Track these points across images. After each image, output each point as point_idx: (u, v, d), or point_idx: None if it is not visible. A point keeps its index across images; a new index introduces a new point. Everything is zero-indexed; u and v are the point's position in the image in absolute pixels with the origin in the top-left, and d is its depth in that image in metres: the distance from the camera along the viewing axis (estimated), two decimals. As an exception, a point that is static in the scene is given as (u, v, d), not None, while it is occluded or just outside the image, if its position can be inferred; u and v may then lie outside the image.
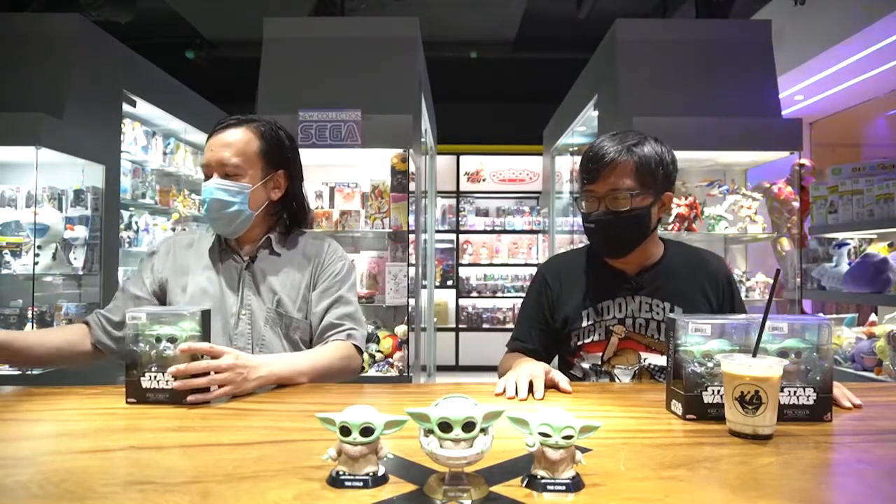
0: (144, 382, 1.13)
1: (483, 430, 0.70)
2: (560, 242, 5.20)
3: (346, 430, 0.73)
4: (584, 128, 4.37)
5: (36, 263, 2.89)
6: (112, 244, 3.37)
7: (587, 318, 1.51)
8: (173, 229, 4.03)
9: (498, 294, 6.76)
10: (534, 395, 1.20)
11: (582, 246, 1.67)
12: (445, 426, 0.68)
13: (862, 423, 1.07)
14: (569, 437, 0.72)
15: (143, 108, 3.82)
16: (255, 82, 3.30)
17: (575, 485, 0.72)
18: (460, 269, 6.81)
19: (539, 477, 0.72)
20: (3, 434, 0.99)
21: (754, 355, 0.98)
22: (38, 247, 2.90)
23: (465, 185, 7.00)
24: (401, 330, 3.06)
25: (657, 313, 1.48)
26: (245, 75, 4.06)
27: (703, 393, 1.03)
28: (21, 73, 3.03)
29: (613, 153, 1.42)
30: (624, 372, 1.48)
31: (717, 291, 1.51)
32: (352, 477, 0.73)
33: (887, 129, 4.78)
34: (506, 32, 5.73)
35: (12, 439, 0.97)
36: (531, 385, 1.22)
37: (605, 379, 1.50)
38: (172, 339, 1.13)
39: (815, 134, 5.29)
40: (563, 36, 5.53)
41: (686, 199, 3.13)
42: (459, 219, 6.85)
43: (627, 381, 1.48)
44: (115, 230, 3.42)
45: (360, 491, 0.71)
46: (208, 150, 1.47)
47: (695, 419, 1.03)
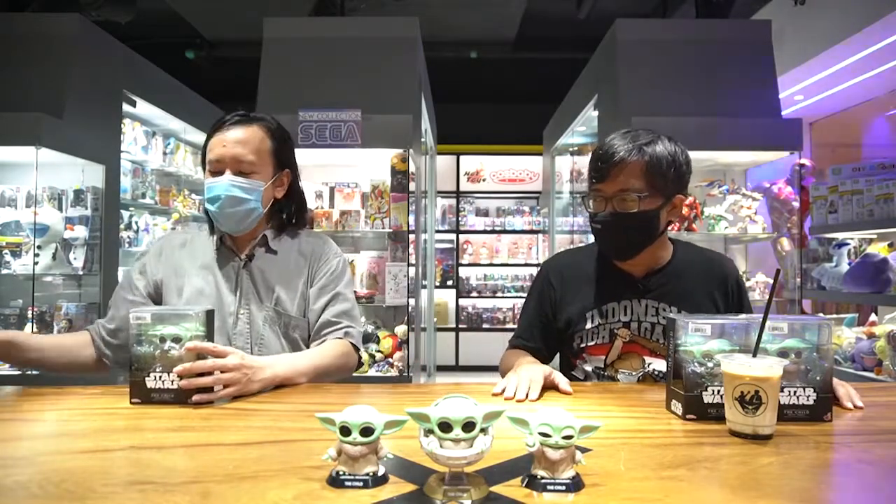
0: (149, 382, 1.13)
1: (483, 430, 0.70)
2: (560, 242, 5.20)
3: (346, 430, 0.73)
4: (584, 128, 4.37)
5: (36, 263, 2.89)
6: (112, 244, 3.36)
7: (591, 321, 1.48)
8: (173, 229, 4.03)
9: (498, 294, 6.76)
10: (528, 397, 1.18)
11: (588, 244, 1.64)
12: (445, 426, 0.68)
13: (862, 423, 1.07)
14: (569, 437, 0.72)
15: (143, 108, 3.83)
16: (255, 82, 3.30)
17: (575, 485, 0.72)
18: (460, 269, 6.80)
19: (539, 477, 0.72)
20: (3, 434, 0.99)
21: (754, 355, 0.98)
22: (38, 247, 2.90)
23: (465, 185, 7.00)
24: (401, 330, 3.06)
25: (664, 318, 1.44)
26: (245, 75, 4.06)
27: (703, 393, 1.03)
28: (21, 73, 3.03)
29: (624, 152, 1.36)
30: (627, 377, 1.45)
31: (727, 295, 1.48)
32: (352, 477, 0.73)
33: (887, 129, 4.78)
34: (506, 32, 5.72)
35: (12, 439, 0.97)
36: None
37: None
38: (177, 339, 1.12)
39: (815, 134, 5.29)
40: (563, 36, 5.52)
41: (686, 198, 3.13)
42: (459, 219, 6.85)
43: None
44: (115, 230, 3.42)
45: (360, 491, 0.71)
46: (219, 146, 1.44)
47: (695, 419, 1.03)
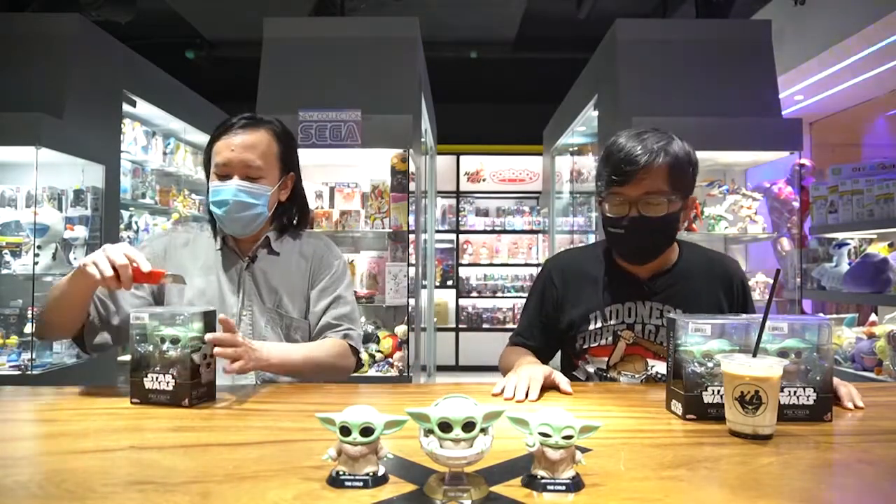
0: (147, 383, 1.13)
1: (483, 430, 0.70)
2: (560, 242, 5.20)
3: (346, 430, 0.73)
4: (584, 128, 4.37)
5: (36, 263, 2.88)
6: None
7: (594, 322, 1.47)
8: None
9: (498, 294, 6.76)
10: (528, 397, 1.19)
11: (592, 244, 1.62)
12: (445, 426, 0.68)
13: (862, 423, 1.07)
14: (569, 437, 0.72)
15: (143, 108, 3.82)
16: (255, 82, 3.30)
17: (575, 485, 0.72)
18: (460, 269, 6.80)
19: (539, 477, 0.72)
20: (3, 434, 0.99)
21: (754, 355, 0.98)
22: (38, 247, 2.89)
23: (465, 185, 6.99)
24: (401, 330, 3.06)
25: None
26: (245, 75, 4.05)
27: (703, 393, 1.03)
28: (21, 73, 3.02)
29: (649, 154, 1.32)
30: (630, 379, 1.44)
31: (732, 296, 1.47)
32: (352, 477, 0.73)
33: (887, 129, 4.78)
34: (506, 32, 5.72)
35: (12, 439, 0.97)
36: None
37: None
38: (175, 341, 1.12)
39: (815, 134, 5.29)
40: (563, 36, 5.52)
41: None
42: (459, 219, 6.85)
43: None
44: (115, 230, 3.42)
45: (360, 491, 0.71)
46: (226, 150, 1.43)
47: (695, 419, 1.03)
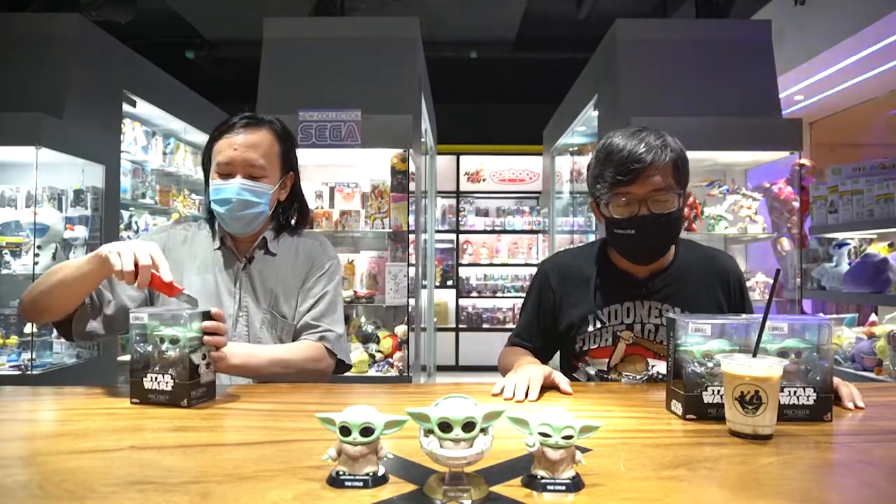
0: (146, 383, 1.13)
1: (483, 430, 0.70)
2: (560, 242, 5.20)
3: (346, 430, 0.73)
4: (584, 128, 4.37)
5: (36, 263, 2.88)
6: (112, 244, 3.36)
7: (593, 323, 1.46)
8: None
9: (498, 294, 6.76)
10: (528, 397, 1.18)
11: (587, 244, 1.62)
12: (445, 426, 0.68)
13: (862, 423, 1.07)
14: (569, 437, 0.72)
15: (143, 108, 3.83)
16: (255, 82, 3.30)
17: (575, 485, 0.72)
18: (460, 269, 6.80)
19: (539, 477, 0.72)
20: (3, 434, 0.99)
21: (754, 355, 0.98)
22: (38, 247, 2.90)
23: (465, 185, 6.99)
24: (401, 330, 3.06)
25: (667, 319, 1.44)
26: (245, 75, 4.06)
27: (703, 393, 1.03)
28: (21, 73, 3.03)
29: (654, 152, 1.31)
30: (631, 380, 1.43)
31: (729, 294, 1.48)
32: (352, 477, 0.73)
33: (887, 129, 4.78)
34: (506, 32, 5.72)
35: (12, 439, 0.97)
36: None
37: None
38: (174, 341, 1.12)
39: (815, 134, 5.29)
40: (563, 36, 5.52)
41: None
42: (459, 219, 6.85)
43: None
44: (115, 230, 3.42)
45: (360, 491, 0.71)
46: (229, 149, 1.43)
47: (695, 419, 1.03)
